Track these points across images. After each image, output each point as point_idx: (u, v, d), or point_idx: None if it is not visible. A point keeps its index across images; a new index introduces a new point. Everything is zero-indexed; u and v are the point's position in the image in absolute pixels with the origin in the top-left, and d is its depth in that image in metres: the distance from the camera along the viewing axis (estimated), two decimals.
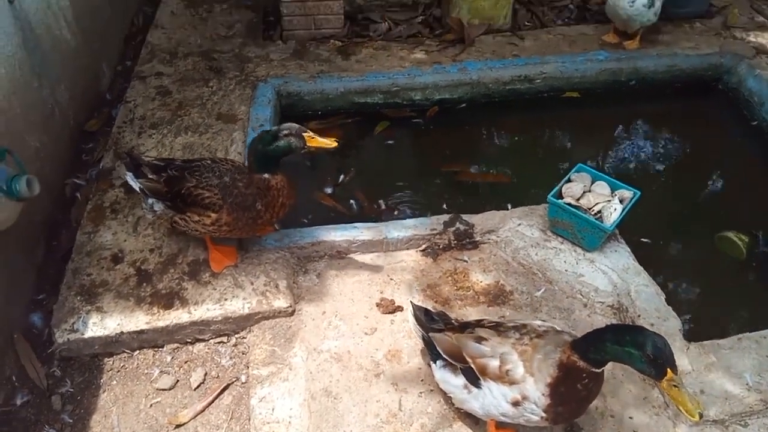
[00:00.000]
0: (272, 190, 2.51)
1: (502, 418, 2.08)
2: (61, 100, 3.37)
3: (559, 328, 2.10)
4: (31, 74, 3.03)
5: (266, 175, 2.50)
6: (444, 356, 2.18)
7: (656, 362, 1.75)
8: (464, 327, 2.20)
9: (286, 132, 2.43)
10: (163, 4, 4.68)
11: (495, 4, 4.33)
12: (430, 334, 2.24)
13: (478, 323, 2.21)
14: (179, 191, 2.56)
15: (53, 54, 3.31)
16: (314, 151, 2.50)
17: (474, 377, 2.08)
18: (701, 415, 1.74)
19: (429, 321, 2.30)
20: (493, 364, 2.02)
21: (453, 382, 2.18)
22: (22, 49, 2.96)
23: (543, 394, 1.93)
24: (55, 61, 3.32)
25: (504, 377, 2.00)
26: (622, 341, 1.80)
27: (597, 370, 1.89)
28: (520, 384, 1.97)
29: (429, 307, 2.50)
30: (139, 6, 4.88)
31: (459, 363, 2.13)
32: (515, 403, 1.99)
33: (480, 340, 2.09)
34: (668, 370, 1.74)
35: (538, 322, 2.15)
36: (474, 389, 2.10)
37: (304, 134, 2.44)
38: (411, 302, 2.43)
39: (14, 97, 2.82)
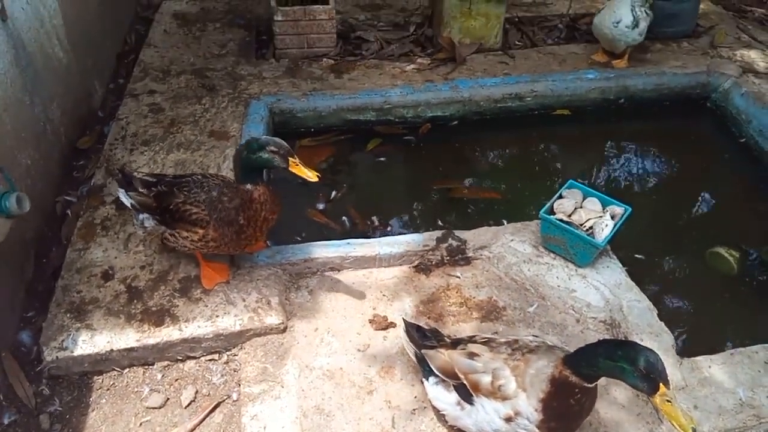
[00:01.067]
0: (254, 202, 2.48)
1: None
2: (53, 118, 3.36)
3: (550, 343, 2.10)
4: (22, 91, 3.03)
5: (249, 186, 2.47)
6: (437, 373, 2.17)
7: (649, 377, 1.75)
8: (456, 343, 2.20)
9: (273, 148, 2.39)
10: (156, 23, 4.72)
11: (486, 24, 4.39)
12: (423, 351, 2.23)
13: (471, 339, 2.20)
14: (167, 207, 2.56)
15: (45, 71, 3.32)
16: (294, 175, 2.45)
17: (467, 394, 2.07)
18: (694, 430, 1.74)
19: (421, 338, 2.29)
20: (486, 380, 2.01)
21: (446, 399, 2.17)
22: (14, 67, 2.97)
23: (536, 410, 1.93)
24: (47, 78, 3.33)
25: (496, 393, 1.99)
26: (614, 356, 1.80)
27: (589, 385, 1.89)
28: (513, 399, 1.96)
29: (422, 324, 2.50)
30: (131, 25, 4.91)
31: (452, 380, 2.12)
32: (508, 419, 1.97)
33: (472, 356, 2.08)
34: (661, 385, 1.74)
35: (530, 338, 2.14)
36: (467, 406, 2.09)
37: (289, 158, 2.40)
38: (403, 319, 2.43)
39: (6, 114, 2.82)
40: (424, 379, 2.28)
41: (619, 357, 1.78)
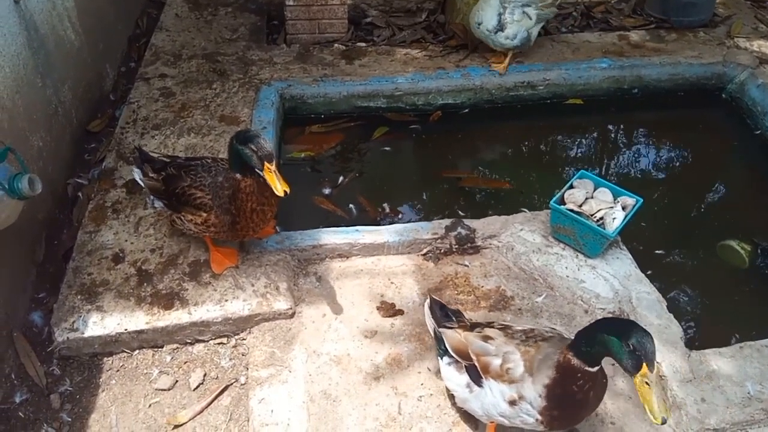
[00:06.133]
0: (241, 192, 2.45)
1: (500, 419, 2.07)
2: (65, 100, 3.38)
3: (566, 335, 2.09)
4: (35, 73, 3.04)
5: (238, 175, 2.44)
6: (451, 352, 2.18)
7: (634, 354, 1.72)
8: (474, 326, 2.21)
9: (254, 148, 2.31)
10: (167, 6, 4.70)
11: None
12: (440, 329, 2.24)
13: (488, 324, 2.21)
14: (174, 190, 2.57)
15: (57, 54, 3.32)
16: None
17: (477, 376, 2.08)
18: (664, 420, 1.70)
19: (443, 316, 2.29)
20: (496, 362, 2.02)
21: (457, 380, 2.18)
22: (27, 49, 2.97)
23: (540, 395, 1.93)
24: (59, 61, 3.33)
25: (504, 375, 2.00)
26: (609, 330, 1.79)
27: (591, 369, 1.86)
28: (519, 383, 1.97)
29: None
30: (143, 8, 4.90)
31: (464, 360, 2.13)
32: (512, 402, 1.98)
33: (486, 339, 2.09)
34: (644, 365, 1.71)
35: (547, 328, 2.14)
36: (476, 388, 2.10)
37: (265, 162, 2.31)
38: (429, 294, 2.41)
39: (18, 96, 2.83)
40: (438, 358, 2.29)
41: (613, 330, 1.77)
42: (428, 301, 2.38)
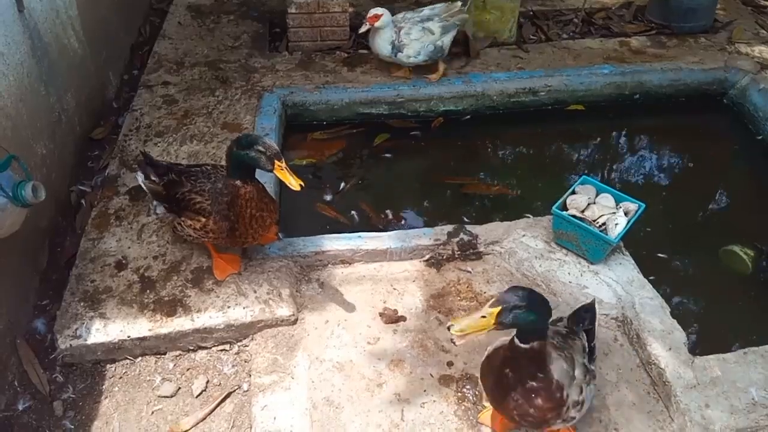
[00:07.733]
0: (240, 198, 2.45)
1: None
2: (68, 108, 3.39)
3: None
4: (38, 82, 3.05)
5: (238, 182, 2.45)
6: None
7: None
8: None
9: (260, 148, 2.33)
10: (170, 14, 4.73)
11: (500, 18, 4.36)
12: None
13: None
14: (175, 195, 2.59)
15: (61, 62, 3.34)
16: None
17: None
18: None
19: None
20: None
21: None
22: (31, 57, 2.99)
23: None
24: (62, 69, 3.35)
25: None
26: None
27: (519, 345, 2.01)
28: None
29: (432, 317, 2.49)
30: (146, 16, 4.93)
31: None
32: None
33: None
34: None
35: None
36: None
37: (275, 161, 2.33)
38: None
39: (21, 104, 2.84)
40: None
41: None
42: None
